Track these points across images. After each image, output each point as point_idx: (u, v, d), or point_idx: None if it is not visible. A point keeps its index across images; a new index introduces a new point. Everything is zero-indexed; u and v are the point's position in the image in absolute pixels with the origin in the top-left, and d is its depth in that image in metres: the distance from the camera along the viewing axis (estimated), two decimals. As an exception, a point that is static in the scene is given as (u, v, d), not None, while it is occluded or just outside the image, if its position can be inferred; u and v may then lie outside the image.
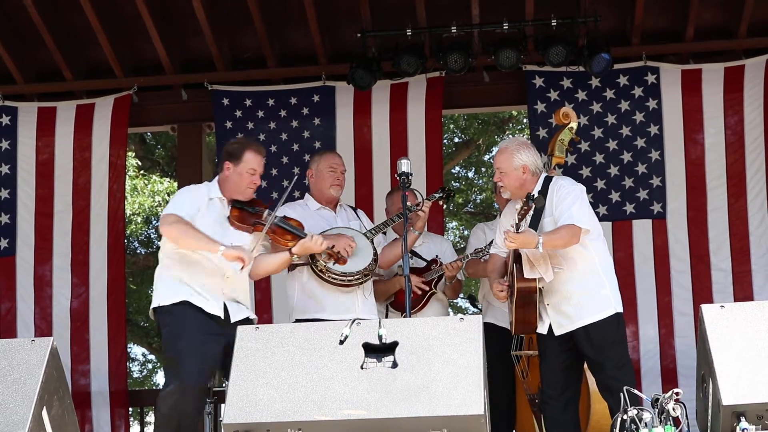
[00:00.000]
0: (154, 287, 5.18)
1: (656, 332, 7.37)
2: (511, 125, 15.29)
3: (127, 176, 10.49)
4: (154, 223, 14.28)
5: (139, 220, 14.09)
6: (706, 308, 4.13)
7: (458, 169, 15.98)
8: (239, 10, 7.42)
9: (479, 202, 16.09)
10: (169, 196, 13.05)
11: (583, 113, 7.53)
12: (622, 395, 4.09)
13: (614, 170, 7.56)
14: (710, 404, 4.00)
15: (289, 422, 3.78)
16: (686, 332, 7.27)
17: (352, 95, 7.80)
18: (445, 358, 3.86)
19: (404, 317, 5.15)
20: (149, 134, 13.71)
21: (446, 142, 14.63)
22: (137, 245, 15.05)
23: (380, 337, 3.92)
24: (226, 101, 7.94)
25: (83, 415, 7.62)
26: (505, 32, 7.24)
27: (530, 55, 7.49)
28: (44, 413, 3.88)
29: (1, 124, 8.05)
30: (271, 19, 7.59)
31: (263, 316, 7.64)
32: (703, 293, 7.36)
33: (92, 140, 7.97)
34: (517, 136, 5.20)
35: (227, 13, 7.61)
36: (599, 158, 7.59)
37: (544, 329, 5.09)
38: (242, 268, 4.84)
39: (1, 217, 7.96)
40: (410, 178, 5.15)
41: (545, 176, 5.20)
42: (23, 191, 8.00)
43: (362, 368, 3.87)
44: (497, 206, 6.49)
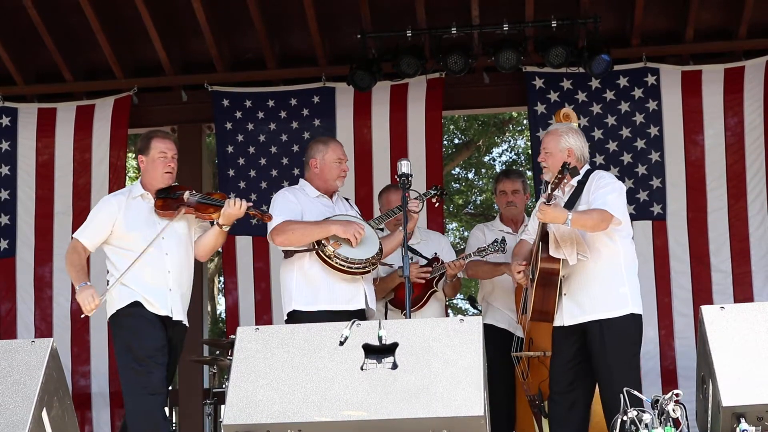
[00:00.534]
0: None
1: (656, 333, 7.37)
2: (511, 126, 15.29)
3: (127, 177, 10.47)
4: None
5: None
6: (706, 309, 4.13)
7: (458, 170, 15.98)
8: (239, 11, 7.43)
9: (479, 203, 16.09)
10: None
11: (583, 114, 7.53)
12: (621, 396, 4.09)
13: (614, 171, 7.55)
14: (710, 405, 3.99)
15: (289, 423, 3.77)
16: (686, 333, 7.27)
17: (352, 96, 7.81)
18: (445, 359, 3.85)
19: (404, 315, 5.13)
20: (149, 135, 13.69)
21: (446, 143, 14.64)
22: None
23: (380, 338, 3.92)
24: (226, 102, 7.94)
25: (83, 416, 7.62)
26: (505, 33, 7.24)
27: (530, 56, 7.49)
28: (44, 414, 3.88)
29: (1, 125, 8.06)
30: (271, 20, 7.59)
31: (263, 317, 7.65)
32: (703, 294, 7.36)
33: (92, 141, 7.98)
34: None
35: (227, 14, 7.61)
36: (599, 159, 7.58)
37: (560, 321, 5.07)
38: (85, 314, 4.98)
39: (1, 218, 7.97)
40: (410, 179, 5.13)
41: (588, 168, 5.21)
42: (23, 192, 8.00)
43: (362, 369, 3.86)
44: (497, 207, 6.49)
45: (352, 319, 4.09)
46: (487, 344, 4.01)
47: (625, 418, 4.00)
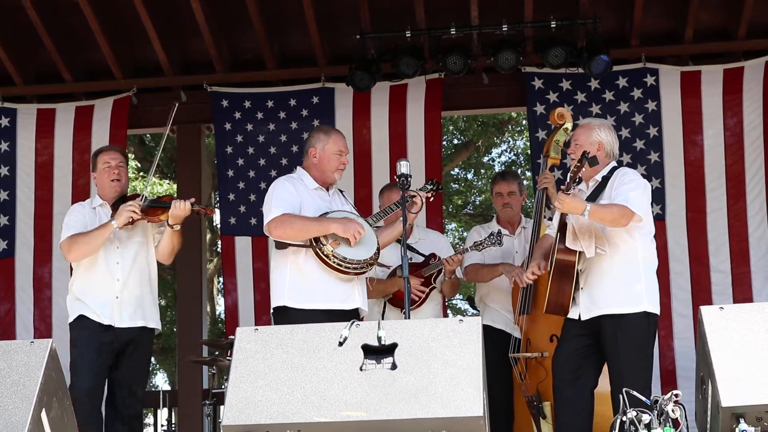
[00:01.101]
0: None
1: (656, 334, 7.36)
2: (510, 127, 15.29)
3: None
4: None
5: (138, 221, 14.05)
6: (705, 310, 4.12)
7: (457, 170, 15.98)
8: (238, 11, 7.43)
9: (478, 203, 16.08)
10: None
11: (582, 115, 7.51)
12: (621, 396, 4.09)
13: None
14: (709, 406, 3.99)
15: (288, 424, 3.77)
16: (685, 334, 7.27)
17: (351, 97, 7.81)
18: (444, 359, 3.85)
19: (402, 314, 5.11)
20: (148, 136, 13.71)
21: (445, 143, 14.64)
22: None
23: (379, 338, 3.92)
24: (225, 103, 7.94)
25: (82, 416, 7.61)
26: (504, 34, 7.24)
27: (529, 56, 7.49)
28: (43, 415, 3.88)
29: (0, 125, 8.06)
30: (270, 20, 7.59)
31: (262, 317, 7.64)
32: (702, 295, 7.36)
33: (91, 142, 7.97)
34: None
35: (226, 14, 7.61)
36: (599, 160, 7.58)
37: (575, 314, 5.06)
38: None
39: (0, 218, 7.97)
40: (409, 179, 5.11)
41: (614, 165, 5.21)
42: (23, 193, 8.00)
43: (361, 370, 3.86)
44: (495, 208, 6.49)
45: (346, 317, 4.09)
46: (484, 345, 4.00)
47: (624, 418, 4.00)
